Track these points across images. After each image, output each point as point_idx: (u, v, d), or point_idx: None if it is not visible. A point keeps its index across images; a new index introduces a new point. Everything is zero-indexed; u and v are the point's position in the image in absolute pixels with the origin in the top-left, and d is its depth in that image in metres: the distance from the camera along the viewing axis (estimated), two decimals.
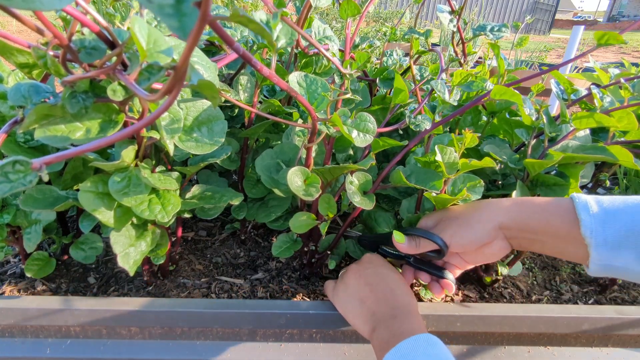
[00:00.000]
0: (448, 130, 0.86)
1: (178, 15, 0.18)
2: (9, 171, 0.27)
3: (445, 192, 0.61)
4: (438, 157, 0.56)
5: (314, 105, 0.55)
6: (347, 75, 0.57)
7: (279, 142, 0.73)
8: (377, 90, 0.89)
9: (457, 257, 0.62)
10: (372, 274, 0.60)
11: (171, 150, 0.48)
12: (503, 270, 0.73)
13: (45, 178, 0.28)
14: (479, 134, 0.58)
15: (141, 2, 0.18)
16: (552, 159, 0.60)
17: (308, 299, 0.71)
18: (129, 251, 0.56)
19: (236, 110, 0.77)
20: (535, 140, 0.68)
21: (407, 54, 0.92)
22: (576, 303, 0.77)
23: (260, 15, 0.42)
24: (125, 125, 0.48)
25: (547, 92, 2.05)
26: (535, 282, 0.82)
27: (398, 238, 0.59)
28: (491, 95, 0.56)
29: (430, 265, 0.64)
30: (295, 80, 0.55)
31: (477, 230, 0.55)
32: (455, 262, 0.63)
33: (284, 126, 0.78)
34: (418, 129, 0.62)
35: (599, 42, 0.51)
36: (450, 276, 0.62)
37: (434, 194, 0.59)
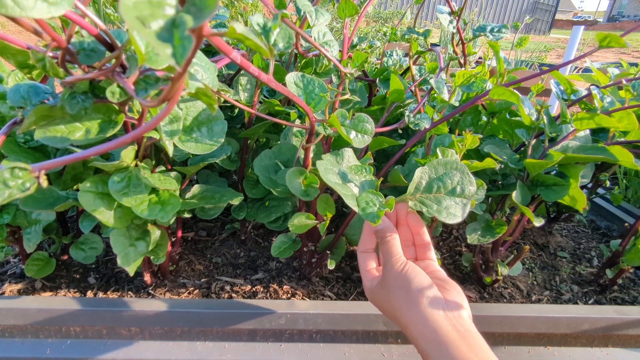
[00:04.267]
0: (448, 130, 0.86)
1: (173, 41, 0.18)
2: (7, 177, 0.27)
3: None
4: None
5: (312, 105, 0.55)
6: (348, 75, 0.56)
7: (279, 142, 0.73)
8: (377, 91, 0.89)
9: None
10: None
11: (170, 151, 0.48)
12: (503, 271, 0.73)
13: (44, 184, 0.28)
14: (480, 135, 0.58)
15: (135, 26, 0.17)
16: (552, 160, 0.60)
17: (308, 299, 0.71)
18: (129, 251, 0.56)
19: (236, 110, 0.77)
20: (535, 140, 0.68)
21: (407, 54, 0.92)
22: (576, 303, 0.77)
23: (257, 19, 0.41)
24: (125, 125, 0.48)
25: (547, 92, 2.05)
26: (535, 282, 0.82)
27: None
28: (490, 95, 0.56)
29: None
30: (292, 80, 0.54)
31: None
32: None
33: (284, 126, 0.78)
34: (417, 128, 0.62)
35: (601, 44, 0.51)
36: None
37: None
